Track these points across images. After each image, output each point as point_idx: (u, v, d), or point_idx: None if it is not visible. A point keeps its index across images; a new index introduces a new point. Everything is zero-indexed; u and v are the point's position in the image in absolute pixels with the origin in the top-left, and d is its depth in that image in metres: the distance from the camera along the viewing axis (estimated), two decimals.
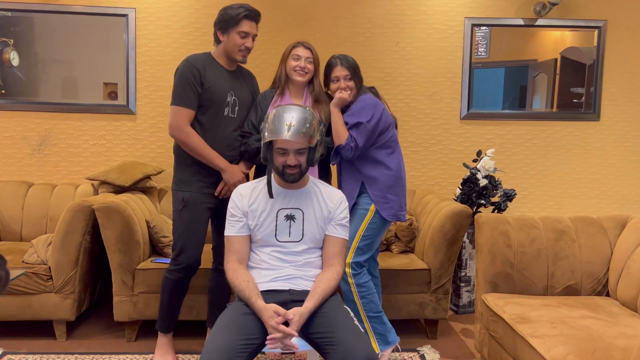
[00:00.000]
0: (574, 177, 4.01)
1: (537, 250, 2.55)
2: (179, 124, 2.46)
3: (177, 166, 2.58)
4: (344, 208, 2.12)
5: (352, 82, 2.61)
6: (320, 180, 2.24)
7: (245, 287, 1.96)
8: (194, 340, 2.93)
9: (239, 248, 2.07)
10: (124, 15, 3.62)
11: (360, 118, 2.51)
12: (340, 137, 2.53)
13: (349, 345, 1.76)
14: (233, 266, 2.04)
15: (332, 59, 2.64)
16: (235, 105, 2.56)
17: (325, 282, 2.00)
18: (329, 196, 2.12)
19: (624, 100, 3.97)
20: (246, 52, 2.53)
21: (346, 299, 2.58)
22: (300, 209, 2.07)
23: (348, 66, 2.60)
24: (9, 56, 3.59)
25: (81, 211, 2.84)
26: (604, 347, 1.86)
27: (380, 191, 2.57)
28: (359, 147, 2.51)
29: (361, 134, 2.50)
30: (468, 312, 3.50)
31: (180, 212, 2.52)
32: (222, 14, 2.50)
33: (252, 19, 2.50)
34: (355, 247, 2.56)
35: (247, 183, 2.18)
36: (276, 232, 2.05)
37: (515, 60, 3.92)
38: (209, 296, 2.80)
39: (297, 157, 1.98)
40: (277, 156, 2.00)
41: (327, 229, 2.09)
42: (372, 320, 2.59)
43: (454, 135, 3.90)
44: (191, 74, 2.45)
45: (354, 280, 2.55)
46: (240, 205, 2.08)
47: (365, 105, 2.53)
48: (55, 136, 3.67)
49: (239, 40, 2.49)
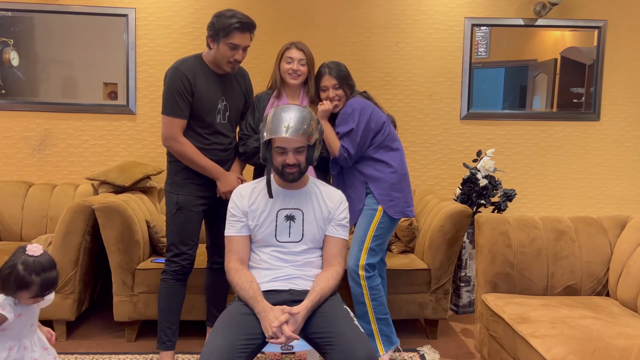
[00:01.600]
0: (574, 177, 4.01)
1: (537, 250, 2.55)
2: (172, 135, 2.43)
3: (170, 169, 2.56)
4: (344, 208, 2.12)
5: (340, 90, 2.59)
6: (320, 180, 2.24)
7: (249, 287, 1.96)
8: (194, 340, 2.93)
9: (239, 248, 2.07)
10: (124, 15, 3.62)
11: (349, 124, 2.51)
12: (333, 149, 2.55)
13: (349, 345, 1.76)
14: (235, 266, 2.04)
15: (321, 68, 2.61)
16: (226, 111, 2.54)
17: (324, 281, 1.99)
18: (328, 196, 2.11)
19: (624, 100, 3.97)
20: (235, 64, 2.43)
21: (356, 301, 2.57)
22: (300, 209, 2.06)
23: (336, 75, 2.57)
24: (9, 56, 3.59)
25: (81, 211, 2.84)
26: (604, 347, 1.86)
27: (384, 190, 2.56)
28: (352, 155, 2.53)
29: (352, 140, 2.51)
30: (468, 312, 3.50)
31: (174, 214, 2.51)
32: (215, 21, 2.37)
33: (244, 31, 2.36)
34: (367, 248, 2.55)
35: (247, 183, 2.18)
36: (276, 233, 2.05)
37: (515, 60, 3.92)
38: (206, 295, 2.80)
39: (296, 156, 1.98)
40: (276, 155, 2.00)
41: (327, 230, 2.09)
42: (380, 322, 2.58)
43: (454, 135, 3.90)
44: (181, 84, 2.39)
45: (367, 283, 2.54)
46: (240, 205, 2.08)
47: (352, 110, 2.53)
48: (55, 136, 3.67)
49: (228, 52, 2.38)
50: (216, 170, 2.50)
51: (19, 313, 1.78)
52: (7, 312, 1.73)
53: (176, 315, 2.57)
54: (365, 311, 2.55)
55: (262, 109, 2.59)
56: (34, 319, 1.85)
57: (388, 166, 2.58)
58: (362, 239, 2.56)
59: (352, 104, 2.55)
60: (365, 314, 2.56)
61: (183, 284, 2.56)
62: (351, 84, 2.64)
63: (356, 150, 2.52)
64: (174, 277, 2.52)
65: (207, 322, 2.84)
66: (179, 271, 2.52)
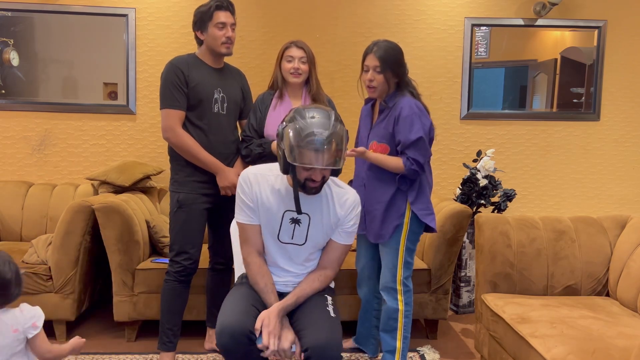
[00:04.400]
0: (574, 177, 4.00)
1: (537, 250, 2.55)
2: (170, 125, 2.46)
3: (172, 167, 2.57)
4: (355, 214, 2.02)
5: (381, 76, 2.32)
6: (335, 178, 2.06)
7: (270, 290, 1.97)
8: (194, 340, 2.93)
9: (256, 239, 2.01)
10: (124, 15, 3.62)
11: (417, 131, 2.24)
12: (396, 169, 2.29)
13: (313, 329, 1.81)
14: (255, 260, 1.99)
15: (370, 44, 2.36)
16: (224, 102, 2.55)
17: (308, 282, 2.00)
18: (340, 201, 2.00)
19: (624, 100, 3.97)
20: (229, 42, 2.50)
21: (388, 316, 2.44)
22: (307, 214, 1.98)
23: (380, 56, 2.29)
24: (9, 56, 3.59)
25: (81, 211, 2.84)
26: (604, 347, 1.86)
27: (424, 203, 2.39)
28: (422, 164, 2.28)
29: (421, 149, 2.26)
30: (468, 312, 3.50)
31: (176, 213, 2.51)
32: (196, 13, 2.50)
33: (224, 9, 2.47)
34: (402, 262, 2.40)
35: (259, 169, 2.04)
36: (279, 233, 2.00)
37: (515, 60, 3.92)
38: (207, 296, 2.80)
39: (322, 171, 1.85)
40: (302, 170, 1.84)
41: (332, 235, 2.03)
42: (405, 340, 2.46)
43: (454, 135, 3.90)
44: (175, 75, 2.45)
45: (404, 298, 2.41)
46: (249, 191, 1.98)
47: (413, 113, 2.27)
48: (55, 136, 3.67)
49: (218, 33, 2.46)
50: (215, 165, 2.50)
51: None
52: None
53: (178, 317, 2.57)
54: (395, 327, 2.44)
55: (265, 109, 2.59)
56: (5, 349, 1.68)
57: (427, 180, 2.43)
58: (395, 255, 2.40)
59: (411, 107, 2.29)
60: (395, 330, 2.44)
61: (186, 285, 2.56)
62: (399, 73, 2.35)
63: (425, 158, 2.26)
64: (176, 279, 2.53)
65: (208, 323, 2.84)
66: (182, 272, 2.52)
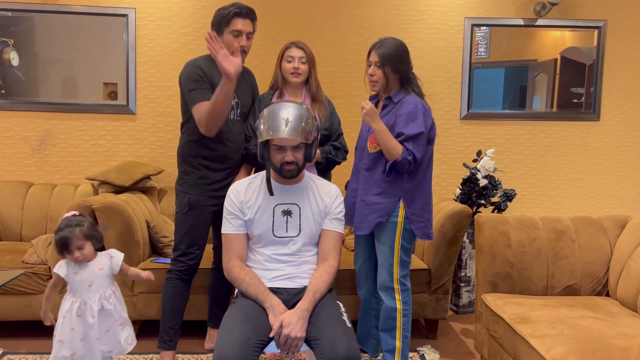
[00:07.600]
0: (574, 177, 4.01)
1: (537, 250, 2.55)
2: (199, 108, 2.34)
3: (182, 168, 2.55)
4: (340, 202, 2.15)
5: (380, 71, 2.30)
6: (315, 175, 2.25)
7: (258, 282, 1.99)
8: (194, 340, 2.93)
9: (238, 246, 2.09)
10: (124, 15, 3.62)
11: (418, 126, 2.23)
12: (393, 152, 2.23)
13: (331, 341, 1.78)
14: (237, 263, 2.06)
15: (376, 41, 2.35)
16: (238, 108, 2.55)
17: (317, 277, 2.02)
18: (324, 191, 2.14)
19: (624, 100, 3.97)
20: (241, 51, 2.40)
21: (386, 315, 2.41)
22: (296, 204, 2.09)
23: (381, 53, 2.29)
24: (9, 56, 3.59)
25: (81, 211, 2.83)
26: (604, 347, 1.86)
27: (418, 209, 2.35)
28: (417, 159, 2.25)
29: (419, 144, 2.24)
30: (468, 312, 3.50)
31: (185, 214, 2.51)
32: (216, 14, 2.44)
33: (243, 17, 2.40)
34: (397, 261, 2.38)
35: (243, 180, 2.20)
36: (273, 228, 2.07)
37: (515, 60, 3.92)
38: (209, 295, 2.80)
39: (294, 153, 1.99)
40: (275, 153, 2.01)
41: (323, 223, 2.11)
42: (404, 340, 2.43)
43: (454, 135, 3.90)
44: (196, 75, 2.40)
45: (402, 297, 2.39)
46: (236, 201, 2.10)
47: (417, 110, 2.26)
48: (55, 136, 3.67)
49: (232, 40, 2.38)
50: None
51: (75, 272, 1.99)
52: (61, 270, 1.98)
53: (179, 316, 2.57)
54: (394, 326, 2.41)
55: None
56: (94, 279, 2.01)
57: (426, 183, 2.38)
58: (390, 254, 2.38)
59: (416, 104, 2.28)
60: (394, 329, 2.41)
61: (188, 284, 2.57)
62: (400, 69, 2.32)
63: (421, 156, 2.25)
64: (179, 277, 2.53)
65: (209, 323, 2.84)
66: (185, 271, 2.53)
